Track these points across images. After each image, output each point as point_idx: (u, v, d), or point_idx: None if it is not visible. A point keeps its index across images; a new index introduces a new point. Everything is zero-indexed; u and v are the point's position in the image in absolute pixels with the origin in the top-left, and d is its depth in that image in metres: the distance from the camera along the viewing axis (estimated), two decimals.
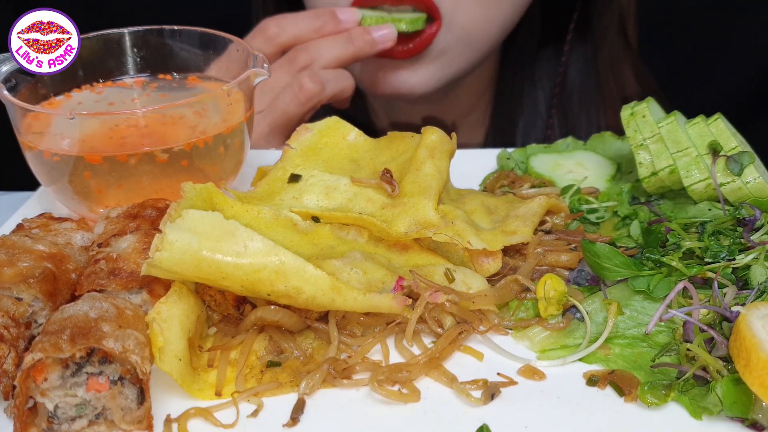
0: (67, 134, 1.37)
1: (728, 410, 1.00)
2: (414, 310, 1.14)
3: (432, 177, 1.32)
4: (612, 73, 2.17)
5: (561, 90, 2.22)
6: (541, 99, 2.25)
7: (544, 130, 2.24)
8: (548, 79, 2.23)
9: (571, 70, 2.20)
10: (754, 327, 1.00)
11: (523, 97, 2.24)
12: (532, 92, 2.25)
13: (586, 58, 2.19)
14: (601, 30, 2.15)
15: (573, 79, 2.21)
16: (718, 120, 1.37)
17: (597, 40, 2.16)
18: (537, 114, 2.25)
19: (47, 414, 0.98)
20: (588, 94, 2.20)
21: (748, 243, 1.21)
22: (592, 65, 2.19)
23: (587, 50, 2.18)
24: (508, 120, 2.26)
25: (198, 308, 1.13)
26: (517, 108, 2.25)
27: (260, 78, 1.43)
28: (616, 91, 2.17)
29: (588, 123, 2.19)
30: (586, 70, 2.20)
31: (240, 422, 1.03)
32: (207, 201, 1.22)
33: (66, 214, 1.39)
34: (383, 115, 2.28)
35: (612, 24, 2.14)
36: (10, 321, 1.06)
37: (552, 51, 2.22)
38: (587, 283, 1.24)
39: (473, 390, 1.06)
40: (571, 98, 2.21)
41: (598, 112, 2.19)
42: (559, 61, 2.20)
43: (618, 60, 2.17)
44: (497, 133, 2.27)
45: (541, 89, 2.25)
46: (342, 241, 1.28)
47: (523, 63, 2.22)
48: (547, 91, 2.24)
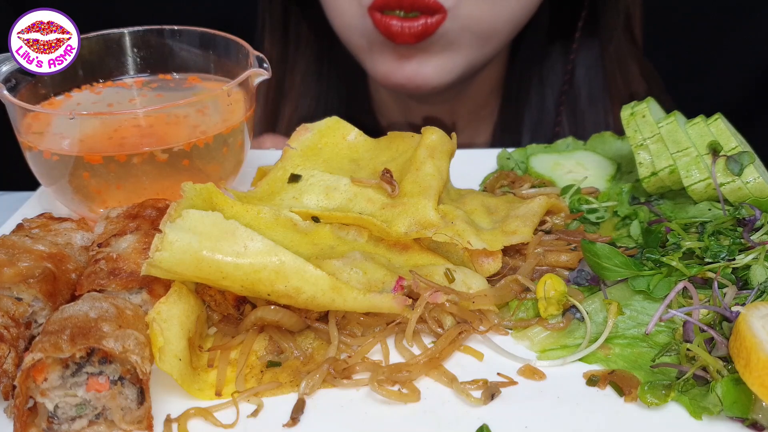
0: (67, 134, 1.37)
1: (728, 410, 1.00)
2: (414, 310, 1.14)
3: (432, 177, 1.32)
4: (619, 70, 2.17)
5: (569, 88, 2.22)
6: (550, 97, 2.25)
7: (552, 128, 2.24)
8: (556, 77, 2.23)
9: (578, 68, 2.20)
10: (754, 327, 1.00)
11: (531, 95, 2.24)
12: (540, 91, 2.25)
13: (594, 56, 2.19)
14: (608, 28, 2.15)
15: (581, 78, 2.21)
16: (718, 120, 1.37)
17: (604, 38, 2.16)
18: (545, 112, 2.25)
19: (47, 414, 0.98)
20: (596, 92, 2.20)
21: (748, 243, 1.21)
22: (600, 63, 2.19)
23: (595, 48, 2.19)
24: (516, 118, 2.26)
25: (198, 308, 1.13)
26: (525, 106, 2.25)
27: (260, 78, 1.43)
28: (623, 89, 2.17)
29: (596, 121, 2.19)
30: (593, 68, 2.20)
31: (240, 422, 1.03)
32: (207, 201, 1.22)
33: (66, 214, 1.39)
34: (398, 114, 2.28)
35: (619, 22, 2.15)
36: (10, 321, 1.06)
37: (560, 49, 2.22)
38: (587, 283, 1.24)
39: (473, 390, 1.06)
40: (579, 96, 2.21)
41: (606, 111, 2.19)
42: (567, 60, 2.20)
43: (625, 58, 2.17)
44: (505, 132, 2.27)
45: (550, 88, 2.25)
46: (342, 241, 1.28)
47: (532, 61, 2.22)
48: (555, 90, 2.24)
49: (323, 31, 2.12)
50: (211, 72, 1.57)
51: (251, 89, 1.44)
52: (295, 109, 2.26)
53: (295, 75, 2.24)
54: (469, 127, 2.28)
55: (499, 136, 2.28)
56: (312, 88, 2.27)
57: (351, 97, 2.29)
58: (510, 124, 2.26)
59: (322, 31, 2.13)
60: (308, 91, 2.27)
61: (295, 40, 2.23)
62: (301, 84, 2.26)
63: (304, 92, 2.26)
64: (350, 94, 2.30)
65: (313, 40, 2.23)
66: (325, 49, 2.24)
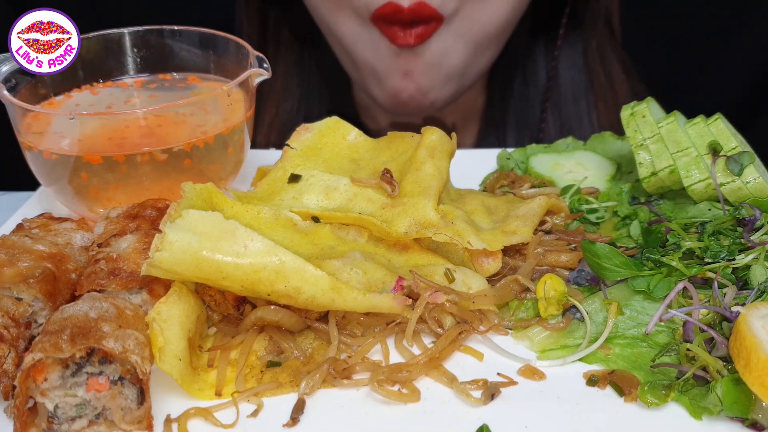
0: (67, 134, 1.37)
1: (728, 410, 1.00)
2: (414, 310, 1.14)
3: (432, 177, 1.32)
4: (601, 66, 2.18)
5: (554, 85, 2.22)
6: (534, 95, 2.25)
7: (538, 125, 2.24)
8: (540, 75, 2.24)
9: (561, 64, 2.21)
10: (754, 327, 1.00)
11: (515, 93, 2.25)
12: (524, 88, 2.25)
13: (577, 52, 2.20)
14: (591, 22, 2.15)
15: (564, 74, 2.21)
16: (718, 120, 1.37)
17: (586, 33, 2.17)
18: (529, 110, 2.25)
19: (47, 414, 0.98)
20: (579, 88, 2.20)
21: (748, 243, 1.21)
22: (582, 59, 2.19)
23: (577, 44, 2.19)
24: (501, 118, 2.26)
25: (198, 308, 1.13)
26: (510, 105, 2.25)
27: (260, 78, 1.43)
28: (606, 84, 2.17)
29: (579, 118, 2.19)
30: (575, 65, 2.20)
31: (240, 422, 1.03)
32: (207, 201, 1.22)
33: (66, 214, 1.39)
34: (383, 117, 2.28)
35: (599, 17, 2.15)
36: (10, 321, 1.06)
37: (543, 47, 2.23)
38: (587, 283, 1.24)
39: (473, 390, 1.06)
40: (562, 93, 2.22)
41: (589, 106, 2.19)
42: (551, 56, 2.21)
43: (606, 51, 2.18)
44: (490, 131, 2.27)
45: (533, 85, 2.25)
46: (342, 241, 1.28)
47: (516, 60, 2.23)
48: (539, 87, 2.24)
49: (305, 34, 2.11)
50: (211, 72, 1.57)
51: (251, 89, 1.44)
52: (275, 114, 2.24)
53: (276, 79, 2.22)
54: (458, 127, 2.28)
55: (484, 136, 2.28)
56: (293, 92, 2.25)
57: (335, 101, 2.28)
58: (495, 123, 2.26)
59: (304, 34, 2.13)
60: (289, 96, 2.25)
61: (275, 43, 2.21)
62: (282, 89, 2.24)
63: (284, 96, 2.25)
64: (333, 98, 2.28)
65: (294, 43, 2.22)
66: (306, 54, 2.22)
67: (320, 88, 2.27)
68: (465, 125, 2.29)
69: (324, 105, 2.27)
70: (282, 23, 2.20)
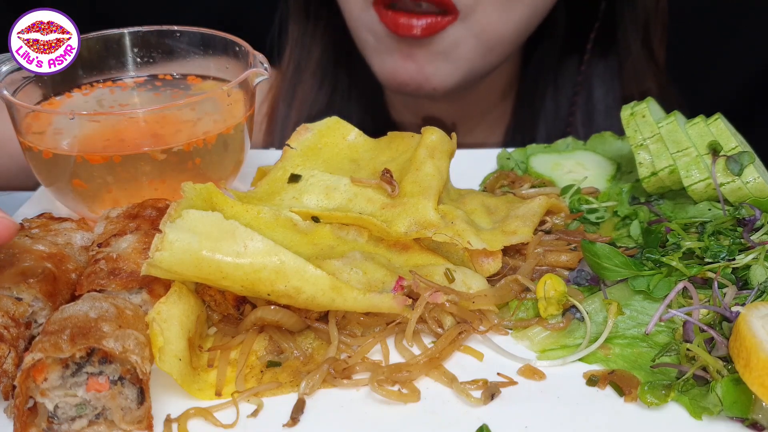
0: (67, 134, 1.37)
1: (728, 410, 1.00)
2: (414, 310, 1.14)
3: (432, 177, 1.32)
4: (637, 87, 2.14)
5: (587, 100, 2.20)
6: (564, 105, 2.24)
7: (565, 133, 2.23)
8: (571, 86, 2.23)
9: (595, 81, 2.19)
10: (754, 327, 1.00)
11: (546, 102, 2.23)
12: (555, 97, 2.23)
13: (611, 69, 2.17)
14: (625, 43, 2.12)
15: (597, 92, 2.19)
16: (718, 120, 1.37)
17: (621, 53, 2.14)
18: (559, 118, 2.24)
19: (47, 414, 0.98)
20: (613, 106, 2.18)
21: (748, 243, 1.21)
22: (618, 78, 2.17)
23: (611, 62, 2.16)
24: (531, 123, 2.25)
25: (198, 308, 1.13)
26: (540, 112, 2.24)
27: (260, 78, 1.43)
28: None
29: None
30: (610, 81, 2.18)
31: (240, 422, 1.03)
32: (207, 201, 1.22)
33: (66, 214, 1.39)
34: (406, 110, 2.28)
35: (636, 38, 2.11)
36: (10, 321, 1.06)
37: (577, 59, 2.21)
38: (587, 283, 1.24)
39: (473, 390, 1.06)
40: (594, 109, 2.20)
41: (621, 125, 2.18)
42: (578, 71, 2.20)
43: (643, 75, 2.14)
44: (517, 133, 2.26)
45: (564, 95, 2.23)
46: (342, 241, 1.28)
47: (547, 67, 2.21)
48: (570, 98, 2.23)
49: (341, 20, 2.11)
50: (210, 72, 1.57)
51: (251, 89, 1.44)
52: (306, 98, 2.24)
53: (311, 61, 2.22)
54: (481, 128, 2.27)
55: (512, 137, 2.27)
56: (328, 76, 2.25)
57: (366, 90, 2.28)
58: (524, 128, 2.26)
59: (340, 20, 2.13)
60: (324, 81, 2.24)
61: (314, 22, 2.20)
62: (317, 71, 2.23)
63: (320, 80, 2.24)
64: (366, 86, 2.28)
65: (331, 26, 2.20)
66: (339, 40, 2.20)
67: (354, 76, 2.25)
68: (491, 128, 2.29)
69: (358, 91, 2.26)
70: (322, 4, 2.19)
